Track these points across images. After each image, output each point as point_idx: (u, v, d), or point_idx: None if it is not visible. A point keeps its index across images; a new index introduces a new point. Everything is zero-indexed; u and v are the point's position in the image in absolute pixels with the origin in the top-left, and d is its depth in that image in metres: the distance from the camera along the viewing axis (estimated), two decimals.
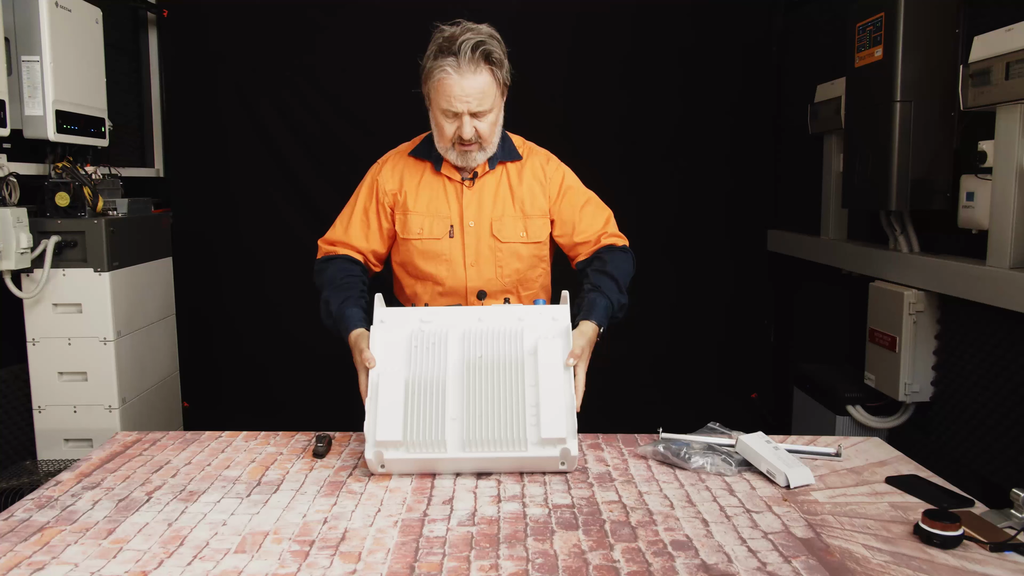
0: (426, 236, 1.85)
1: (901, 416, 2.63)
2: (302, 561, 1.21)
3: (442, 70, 1.68)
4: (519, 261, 1.88)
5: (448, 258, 1.86)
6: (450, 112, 1.72)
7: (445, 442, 1.52)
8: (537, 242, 1.89)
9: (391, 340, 1.63)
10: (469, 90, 1.69)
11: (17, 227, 2.44)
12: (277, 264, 3.58)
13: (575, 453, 1.53)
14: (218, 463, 1.64)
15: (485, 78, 1.70)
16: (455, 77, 1.68)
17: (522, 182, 1.89)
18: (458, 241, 1.85)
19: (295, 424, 1.97)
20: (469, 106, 1.71)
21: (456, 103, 1.70)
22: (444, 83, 1.69)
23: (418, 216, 1.85)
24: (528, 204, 1.88)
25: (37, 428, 2.70)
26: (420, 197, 1.86)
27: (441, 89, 1.70)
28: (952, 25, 2.35)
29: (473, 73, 1.68)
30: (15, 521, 1.36)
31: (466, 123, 1.72)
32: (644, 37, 3.53)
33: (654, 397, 3.68)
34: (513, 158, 1.89)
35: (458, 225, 1.85)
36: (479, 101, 1.71)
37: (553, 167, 1.93)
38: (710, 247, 3.69)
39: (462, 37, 1.68)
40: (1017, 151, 2.00)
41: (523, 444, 1.52)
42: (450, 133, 1.75)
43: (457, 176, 1.86)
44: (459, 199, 1.86)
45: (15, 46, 2.51)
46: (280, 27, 3.46)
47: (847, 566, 1.20)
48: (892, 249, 2.65)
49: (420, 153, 1.90)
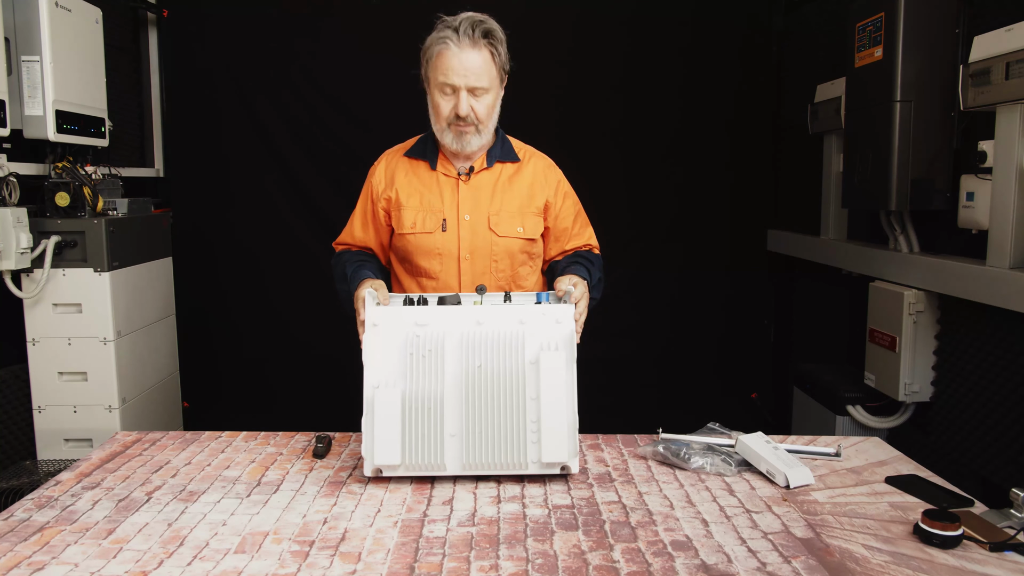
0: (419, 231, 1.86)
1: (901, 416, 2.63)
2: (302, 561, 1.21)
3: (441, 42, 1.70)
4: (513, 257, 1.89)
5: (441, 252, 1.86)
6: (447, 86, 1.72)
7: (444, 464, 1.51)
8: (532, 239, 1.90)
9: (386, 347, 1.56)
10: (468, 63, 1.70)
11: (17, 227, 2.44)
12: (277, 264, 3.58)
13: (576, 470, 1.53)
14: (218, 463, 1.64)
15: (484, 55, 1.72)
16: (454, 49, 1.69)
17: (521, 181, 1.90)
18: (452, 235, 1.85)
19: (295, 424, 1.97)
20: (467, 80, 1.71)
21: (454, 76, 1.70)
22: (443, 56, 1.70)
23: (411, 211, 1.86)
24: (526, 201, 1.89)
25: (37, 428, 2.70)
26: (413, 193, 1.88)
27: (439, 63, 1.71)
28: (952, 25, 2.35)
29: (472, 48, 1.70)
30: (15, 521, 1.36)
31: (463, 99, 1.72)
32: (644, 37, 3.53)
33: (654, 397, 3.69)
34: (511, 159, 1.90)
35: (452, 219, 1.85)
36: (477, 76, 1.71)
37: (553, 173, 1.96)
38: (710, 247, 3.69)
39: (463, 15, 1.72)
40: (1017, 151, 2.00)
41: (523, 465, 1.51)
42: (447, 111, 1.75)
43: (453, 172, 1.87)
44: (455, 193, 1.86)
45: (15, 46, 2.51)
46: (280, 27, 3.46)
47: (847, 566, 1.20)
48: (892, 249, 2.65)
49: (415, 153, 1.91)
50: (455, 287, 1.87)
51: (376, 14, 3.43)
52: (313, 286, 3.58)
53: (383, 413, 1.49)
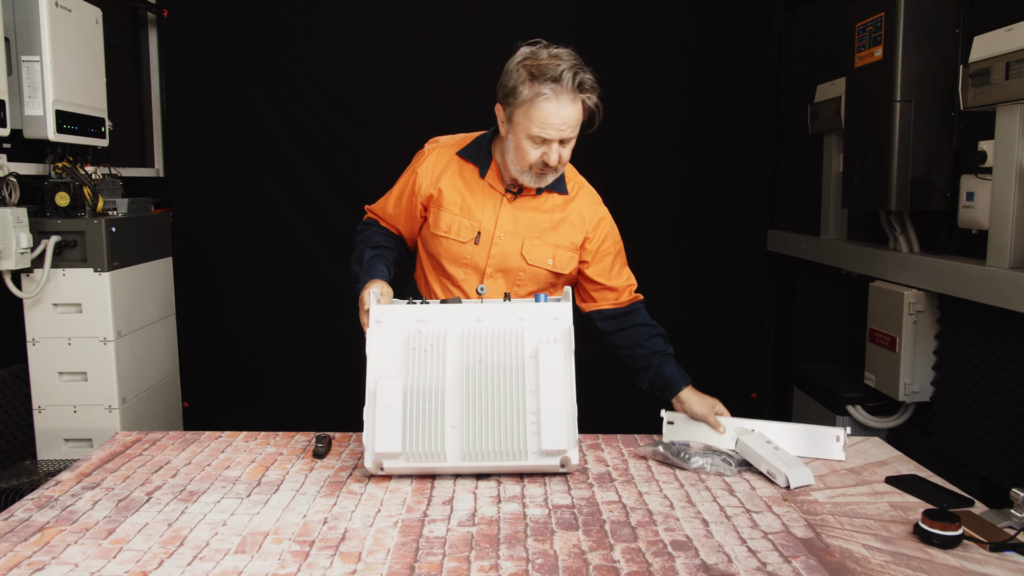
0: (452, 237, 1.83)
1: (901, 416, 2.63)
2: (302, 561, 1.21)
3: (543, 97, 1.65)
4: (538, 283, 1.87)
5: (469, 263, 1.84)
6: (539, 138, 1.69)
7: (445, 453, 1.51)
8: (560, 273, 1.88)
9: (388, 342, 1.59)
10: (566, 118, 1.67)
11: (17, 227, 2.44)
12: (277, 264, 3.58)
13: (576, 461, 1.53)
14: (218, 463, 1.64)
15: (579, 107, 1.69)
16: (554, 104, 1.65)
17: (564, 215, 1.86)
18: (484, 249, 1.83)
19: (295, 424, 1.97)
20: (562, 133, 1.68)
21: (551, 131, 1.67)
22: (543, 109, 1.65)
23: (448, 215, 1.83)
24: (563, 236, 1.85)
25: (37, 428, 2.70)
26: (455, 197, 1.84)
27: (536, 114, 1.66)
28: (952, 25, 2.35)
29: (571, 102, 1.67)
30: (15, 521, 1.36)
31: (554, 150, 1.69)
32: (644, 37, 3.53)
33: (654, 397, 3.68)
34: (560, 191, 1.87)
35: (488, 234, 1.82)
36: (572, 128, 1.69)
37: (598, 210, 1.91)
38: (710, 247, 3.69)
39: (564, 62, 1.65)
40: (1017, 151, 2.00)
41: (523, 454, 1.51)
42: (534, 159, 1.71)
43: (500, 187, 1.84)
44: (495, 210, 1.83)
45: (15, 46, 2.51)
46: (280, 27, 3.46)
47: (847, 566, 1.20)
48: (892, 249, 2.65)
49: (468, 154, 1.86)
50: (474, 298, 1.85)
51: (376, 14, 3.43)
52: (313, 286, 3.59)
53: (384, 403, 1.52)
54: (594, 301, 1.95)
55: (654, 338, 1.94)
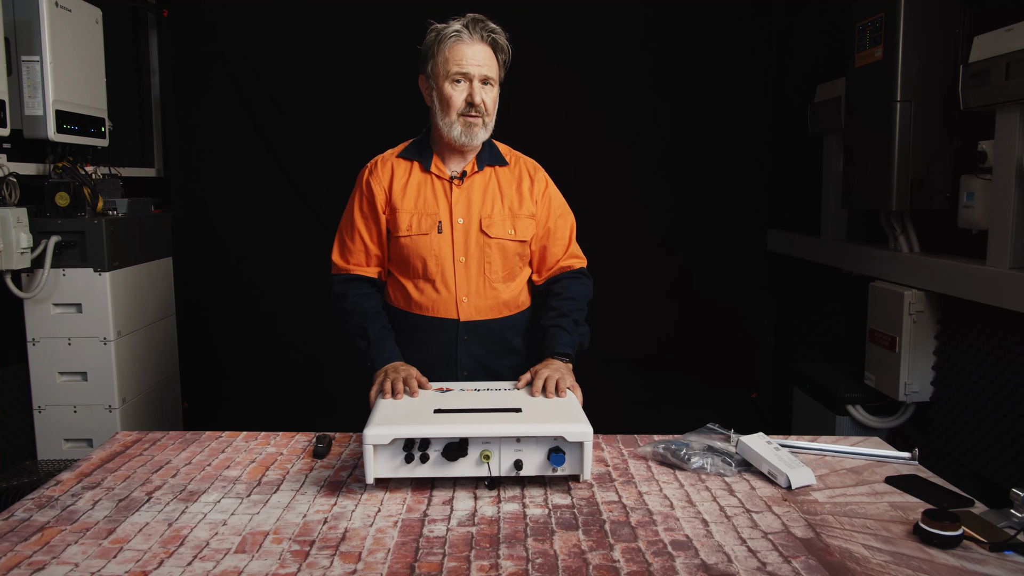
0: (415, 232, 1.87)
1: (901, 416, 2.63)
2: (302, 561, 1.21)
3: (454, 36, 1.80)
4: (507, 259, 1.92)
5: (437, 253, 1.88)
6: (460, 75, 1.79)
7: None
8: (523, 241, 1.93)
9: None
10: (480, 55, 1.80)
11: (17, 227, 2.44)
12: (277, 264, 3.58)
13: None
14: (218, 463, 1.64)
15: (490, 51, 1.83)
16: (466, 42, 1.79)
17: (511, 183, 1.94)
18: (447, 237, 1.88)
19: (295, 424, 1.97)
20: (481, 69, 1.80)
21: (467, 65, 1.79)
22: (456, 47, 1.79)
23: (406, 214, 1.88)
24: (516, 204, 1.93)
25: (37, 428, 2.70)
26: (408, 195, 1.90)
27: (452, 54, 1.79)
28: (952, 25, 2.35)
29: (481, 42, 1.81)
30: (15, 521, 1.36)
31: (477, 88, 1.80)
32: (643, 37, 3.53)
33: (654, 397, 3.69)
34: (499, 163, 1.95)
35: (447, 221, 1.88)
36: (489, 67, 1.81)
37: (540, 174, 2.00)
38: (710, 247, 3.69)
39: (467, 16, 1.81)
40: (1017, 151, 2.00)
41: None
42: (459, 100, 1.80)
43: (446, 175, 1.90)
44: (448, 196, 1.89)
45: (15, 46, 2.51)
46: (280, 27, 3.46)
47: (847, 566, 1.20)
48: (892, 249, 2.65)
49: (408, 155, 1.94)
50: (452, 289, 1.87)
51: (376, 15, 3.43)
52: (313, 286, 3.57)
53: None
54: (541, 267, 2.02)
55: (554, 327, 1.91)
